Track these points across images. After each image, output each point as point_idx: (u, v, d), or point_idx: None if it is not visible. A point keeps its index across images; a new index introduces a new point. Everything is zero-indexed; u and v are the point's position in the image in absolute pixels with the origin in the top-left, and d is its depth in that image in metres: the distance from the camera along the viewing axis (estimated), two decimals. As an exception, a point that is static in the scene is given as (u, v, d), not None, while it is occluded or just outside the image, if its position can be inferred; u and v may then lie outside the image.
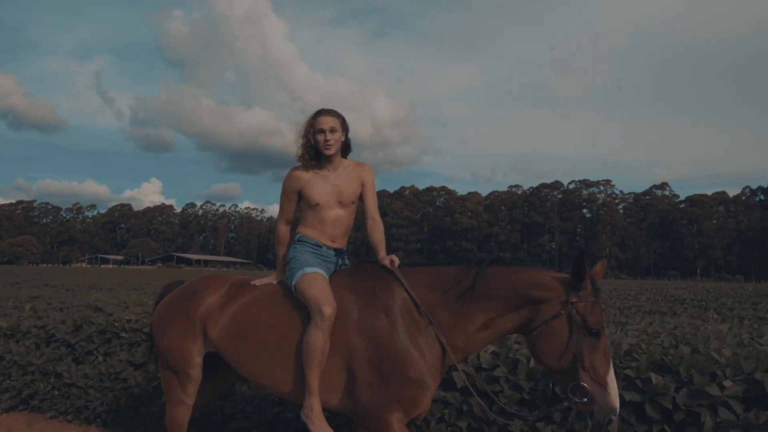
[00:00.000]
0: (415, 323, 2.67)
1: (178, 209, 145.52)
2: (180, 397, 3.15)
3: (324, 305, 2.69)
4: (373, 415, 2.62)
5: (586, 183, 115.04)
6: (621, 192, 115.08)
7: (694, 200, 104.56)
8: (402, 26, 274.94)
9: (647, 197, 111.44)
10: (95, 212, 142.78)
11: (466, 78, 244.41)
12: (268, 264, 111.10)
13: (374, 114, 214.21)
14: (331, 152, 3.03)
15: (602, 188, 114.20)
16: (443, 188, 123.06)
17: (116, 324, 5.25)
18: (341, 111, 3.11)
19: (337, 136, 3.03)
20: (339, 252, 3.14)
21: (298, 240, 3.09)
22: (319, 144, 3.02)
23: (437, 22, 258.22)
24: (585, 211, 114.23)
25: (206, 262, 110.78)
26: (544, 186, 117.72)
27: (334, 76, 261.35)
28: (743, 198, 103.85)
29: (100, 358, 5.12)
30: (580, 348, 2.39)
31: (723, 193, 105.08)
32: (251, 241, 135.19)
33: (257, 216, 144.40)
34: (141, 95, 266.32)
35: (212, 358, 3.18)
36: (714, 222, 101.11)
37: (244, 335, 2.95)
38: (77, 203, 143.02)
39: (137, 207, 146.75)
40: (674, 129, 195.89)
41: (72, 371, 5.11)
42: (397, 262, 2.84)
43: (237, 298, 3.09)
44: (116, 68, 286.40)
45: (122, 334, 5.16)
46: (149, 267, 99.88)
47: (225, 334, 3.00)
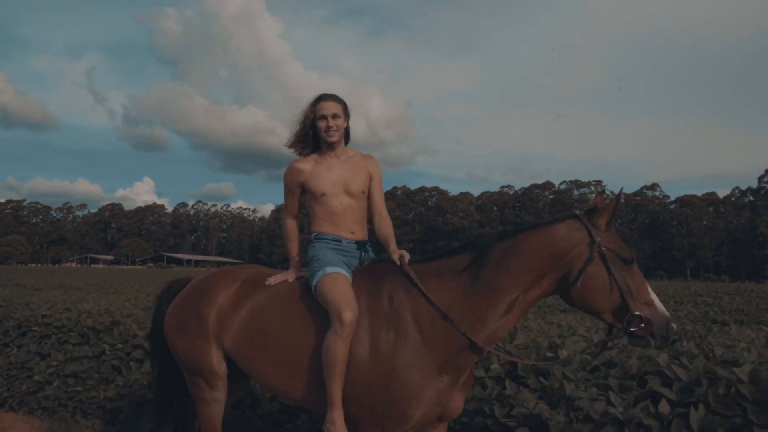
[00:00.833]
0: (427, 332, 2.46)
1: (170, 209, 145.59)
2: (211, 397, 2.96)
3: (344, 310, 2.45)
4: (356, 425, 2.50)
5: (578, 184, 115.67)
6: (612, 193, 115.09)
7: (684, 201, 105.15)
8: (397, 26, 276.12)
9: (638, 198, 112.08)
10: (86, 212, 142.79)
11: (462, 78, 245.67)
12: (260, 264, 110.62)
13: (369, 114, 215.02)
14: (334, 139, 2.84)
15: (593, 189, 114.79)
16: (435, 188, 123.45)
17: (31, 318, 5.43)
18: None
19: (340, 123, 2.84)
20: (361, 244, 2.91)
21: (316, 238, 2.86)
22: (321, 131, 2.83)
23: (432, 22, 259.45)
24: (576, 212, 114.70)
25: (197, 262, 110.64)
26: (536, 186, 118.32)
27: (329, 75, 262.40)
28: (732, 199, 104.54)
29: (15, 350, 5.28)
30: (623, 280, 2.34)
31: (713, 194, 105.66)
32: (243, 241, 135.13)
33: (249, 216, 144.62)
34: (134, 94, 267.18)
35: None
36: (704, 223, 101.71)
37: (258, 340, 2.74)
38: (67, 203, 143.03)
39: (130, 206, 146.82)
40: (666, 130, 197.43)
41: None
42: (407, 257, 2.67)
43: (249, 299, 2.86)
44: (108, 66, 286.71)
45: (34, 328, 5.32)
46: (139, 267, 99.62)
47: (237, 338, 2.80)
